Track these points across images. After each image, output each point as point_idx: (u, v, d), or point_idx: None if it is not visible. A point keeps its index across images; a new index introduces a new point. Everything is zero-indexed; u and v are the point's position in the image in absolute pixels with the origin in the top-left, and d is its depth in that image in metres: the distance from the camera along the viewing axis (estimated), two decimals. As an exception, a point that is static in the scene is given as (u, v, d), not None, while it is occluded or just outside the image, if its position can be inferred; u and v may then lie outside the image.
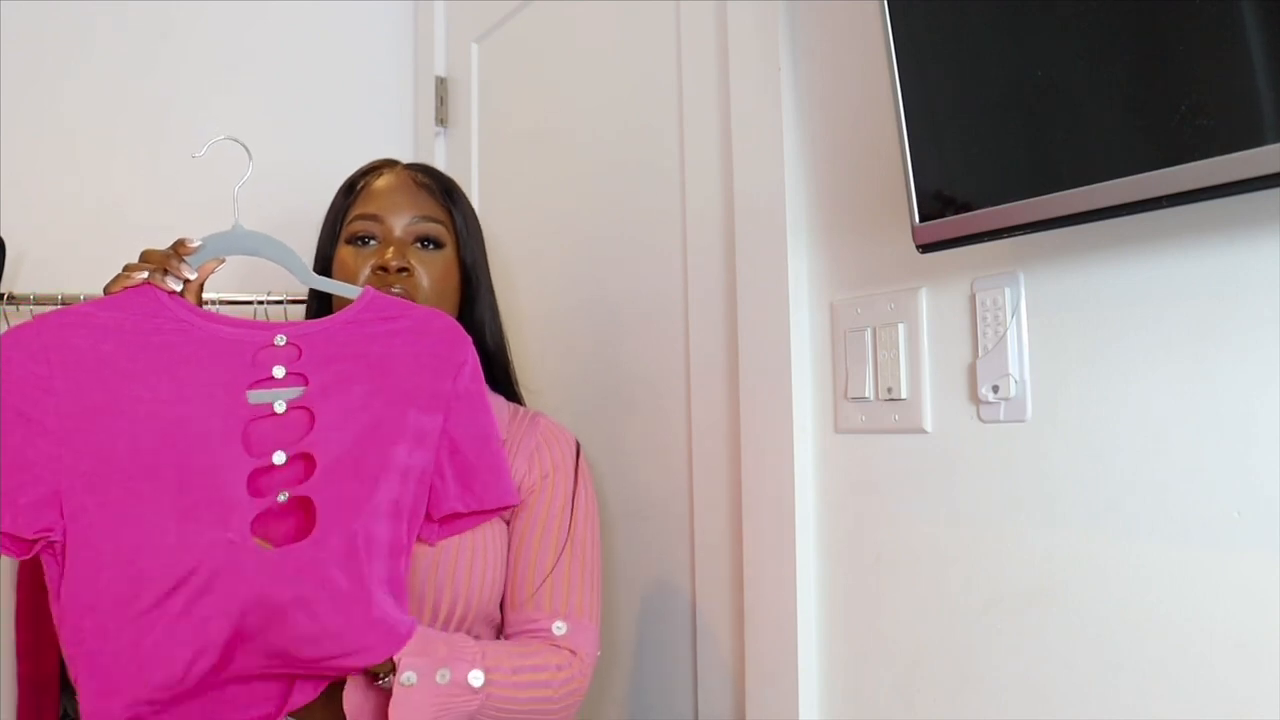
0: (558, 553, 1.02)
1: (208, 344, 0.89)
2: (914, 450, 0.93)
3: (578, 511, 1.06)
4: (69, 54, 1.65)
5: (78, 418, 0.82)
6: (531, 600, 1.00)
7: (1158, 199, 0.63)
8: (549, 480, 1.05)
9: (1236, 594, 0.69)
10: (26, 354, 0.83)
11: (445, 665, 0.88)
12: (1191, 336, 0.72)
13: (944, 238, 0.78)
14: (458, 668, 0.88)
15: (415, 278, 1.05)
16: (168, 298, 0.90)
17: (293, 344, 0.92)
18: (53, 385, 0.83)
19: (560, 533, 1.03)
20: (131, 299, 0.89)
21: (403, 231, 1.07)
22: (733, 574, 1.14)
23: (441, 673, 0.87)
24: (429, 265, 1.07)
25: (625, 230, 1.37)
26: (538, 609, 1.00)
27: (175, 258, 0.91)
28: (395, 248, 1.05)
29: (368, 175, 1.13)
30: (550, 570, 1.01)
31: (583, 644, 1.00)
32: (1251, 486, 0.69)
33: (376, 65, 1.92)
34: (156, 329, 0.87)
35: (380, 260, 1.04)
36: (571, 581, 1.02)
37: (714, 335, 1.18)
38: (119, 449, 0.83)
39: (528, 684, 0.93)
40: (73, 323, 0.85)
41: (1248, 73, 0.59)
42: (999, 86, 0.73)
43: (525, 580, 1.01)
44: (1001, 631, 0.85)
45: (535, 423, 1.10)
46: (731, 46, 1.14)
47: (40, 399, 0.82)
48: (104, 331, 0.86)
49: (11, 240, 1.51)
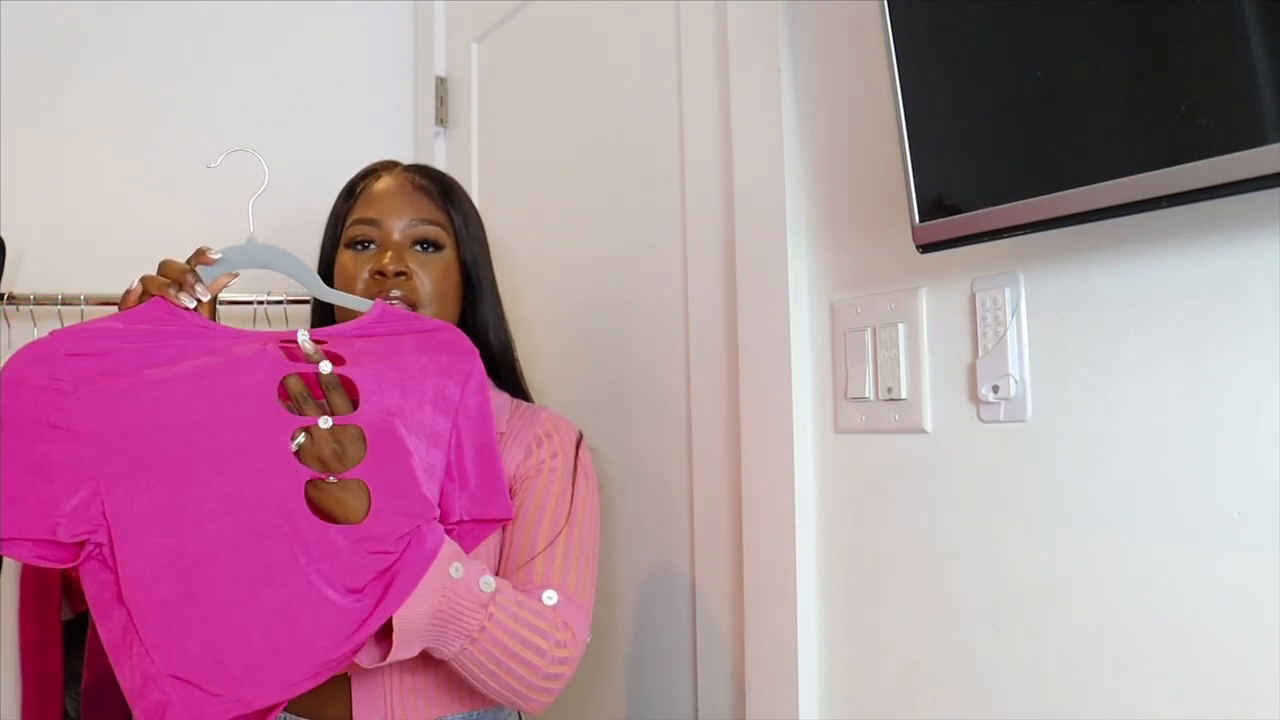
0: (553, 533, 1.00)
1: (230, 342, 0.89)
2: (914, 450, 0.93)
3: (577, 496, 1.04)
4: (69, 55, 1.65)
5: (105, 420, 0.82)
6: (521, 571, 0.98)
7: (1158, 199, 0.63)
8: (548, 465, 1.04)
9: (1236, 594, 0.69)
10: (44, 367, 0.83)
11: (458, 560, 0.87)
12: (1191, 336, 0.72)
13: (944, 238, 0.78)
14: (470, 568, 0.88)
15: (414, 281, 1.05)
16: (183, 310, 0.90)
17: (315, 339, 0.93)
18: (75, 391, 0.82)
19: (558, 515, 1.01)
20: (148, 311, 0.89)
21: (401, 235, 1.07)
22: (733, 574, 1.14)
23: (455, 566, 0.86)
24: (428, 268, 1.07)
25: (625, 230, 1.37)
26: (527, 579, 0.97)
27: (191, 273, 0.91)
28: (393, 251, 1.05)
29: (366, 178, 1.13)
30: (544, 548, 0.99)
31: (574, 620, 0.95)
32: (1252, 486, 0.69)
33: (376, 65, 1.92)
34: (176, 334, 0.88)
35: (378, 264, 1.04)
36: (566, 561, 0.99)
37: (714, 335, 1.18)
38: (151, 449, 0.82)
39: (526, 625, 0.91)
40: (90, 333, 0.85)
41: (1248, 73, 0.59)
42: (999, 86, 0.73)
43: (516, 555, 0.99)
44: (1002, 631, 0.85)
45: (535, 415, 1.10)
46: (731, 46, 1.14)
47: (65, 406, 0.82)
48: (124, 336, 0.86)
49: (11, 240, 1.51)
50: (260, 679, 0.80)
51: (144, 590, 0.80)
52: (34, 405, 0.81)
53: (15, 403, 0.81)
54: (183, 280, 0.90)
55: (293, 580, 0.82)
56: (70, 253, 1.57)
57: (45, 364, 0.82)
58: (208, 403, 0.85)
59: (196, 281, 0.91)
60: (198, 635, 0.80)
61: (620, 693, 1.35)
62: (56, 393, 0.82)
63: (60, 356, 0.83)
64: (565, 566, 0.99)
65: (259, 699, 0.80)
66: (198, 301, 0.90)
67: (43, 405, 0.81)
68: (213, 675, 0.80)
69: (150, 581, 0.80)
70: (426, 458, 0.91)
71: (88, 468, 0.81)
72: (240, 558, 0.81)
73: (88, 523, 0.80)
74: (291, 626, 0.81)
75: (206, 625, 0.80)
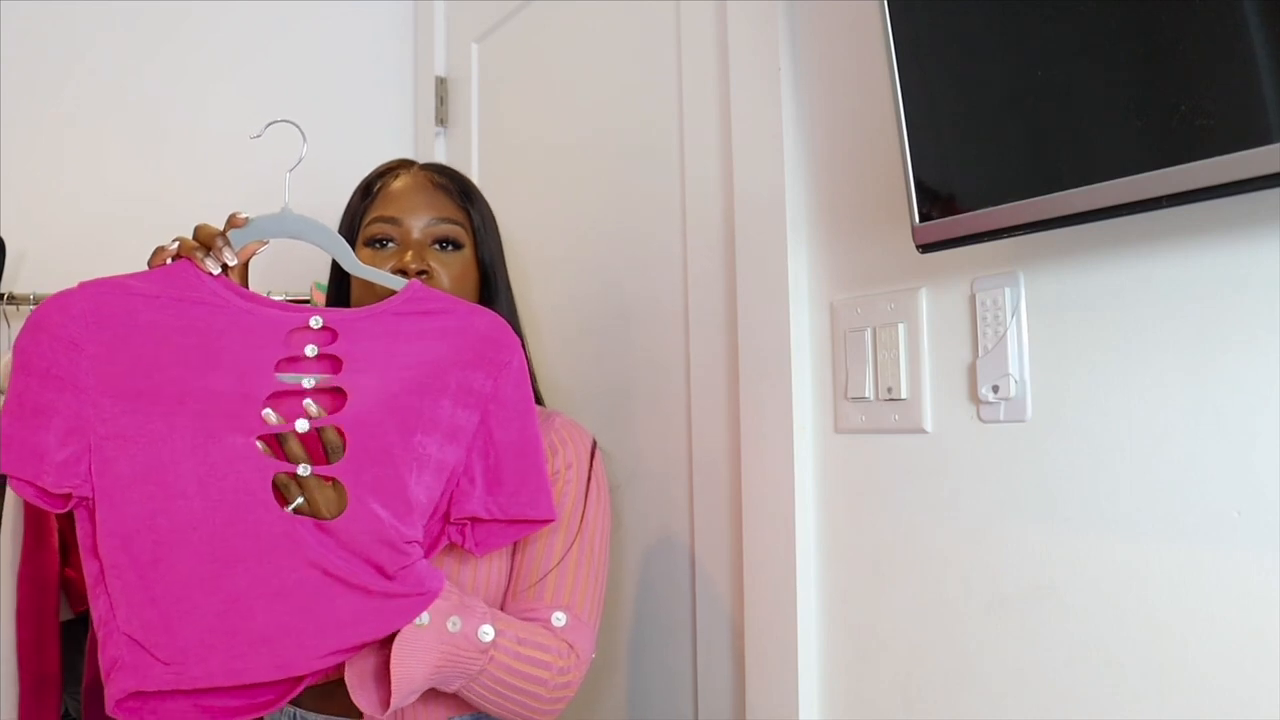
0: (565, 547, 1.01)
1: (241, 319, 0.90)
2: (914, 450, 0.93)
3: (589, 510, 1.05)
4: (69, 54, 1.65)
5: (106, 381, 0.85)
6: (533, 589, 1.00)
7: (1158, 199, 0.63)
8: (561, 476, 1.05)
9: (1236, 594, 0.69)
10: (65, 315, 0.85)
11: (457, 614, 0.88)
12: (1191, 336, 0.72)
13: (944, 238, 0.78)
14: (469, 619, 0.89)
15: (435, 279, 1.05)
16: (208, 276, 0.91)
17: (328, 327, 0.92)
18: (85, 347, 0.85)
19: (570, 528, 1.03)
20: (171, 273, 0.90)
21: (421, 234, 1.07)
22: (733, 574, 1.14)
23: (453, 620, 0.87)
24: (448, 266, 1.07)
25: (625, 231, 1.37)
26: (538, 599, 0.99)
27: (221, 237, 0.92)
28: (414, 250, 1.05)
29: (384, 176, 1.13)
30: (556, 563, 1.01)
31: (580, 641, 0.98)
32: (1251, 486, 0.69)
33: (376, 65, 1.92)
34: (194, 302, 0.89)
35: (400, 263, 1.04)
36: (576, 578, 1.01)
37: (714, 335, 1.18)
38: (143, 416, 0.84)
39: (528, 660, 0.92)
40: (109, 290, 0.87)
41: (1248, 73, 0.59)
42: (999, 86, 0.73)
43: (529, 570, 1.01)
44: (1001, 631, 0.85)
45: (550, 421, 1.10)
46: (731, 46, 1.14)
47: (74, 359, 0.84)
48: (141, 299, 0.87)
49: (11, 240, 1.51)
50: (207, 658, 0.82)
51: (114, 552, 0.83)
52: (50, 353, 0.84)
53: (34, 347, 0.85)
54: (211, 244, 0.91)
55: (253, 570, 0.83)
56: (70, 252, 1.57)
57: (67, 314, 0.85)
58: (201, 383, 0.86)
59: (225, 246, 0.91)
60: (156, 604, 0.82)
61: (621, 693, 1.35)
62: (70, 344, 0.85)
63: (83, 310, 0.86)
64: (575, 584, 1.01)
65: (202, 677, 0.81)
66: (224, 266, 0.92)
67: (56, 355, 0.84)
68: (162, 643, 0.81)
69: (120, 545, 0.82)
70: (439, 454, 0.90)
71: (82, 423, 0.84)
72: (206, 538, 0.83)
73: (75, 477, 0.83)
74: (245, 616, 0.82)
75: (166, 596, 0.82)
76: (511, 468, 0.94)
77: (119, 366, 0.85)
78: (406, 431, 0.89)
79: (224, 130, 1.74)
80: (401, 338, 0.93)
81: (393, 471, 0.87)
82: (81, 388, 0.84)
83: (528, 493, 0.94)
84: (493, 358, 0.95)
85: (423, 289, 0.97)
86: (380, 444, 0.88)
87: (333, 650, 0.83)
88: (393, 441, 0.88)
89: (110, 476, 0.83)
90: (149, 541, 0.82)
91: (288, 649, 0.83)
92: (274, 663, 0.83)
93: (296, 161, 0.97)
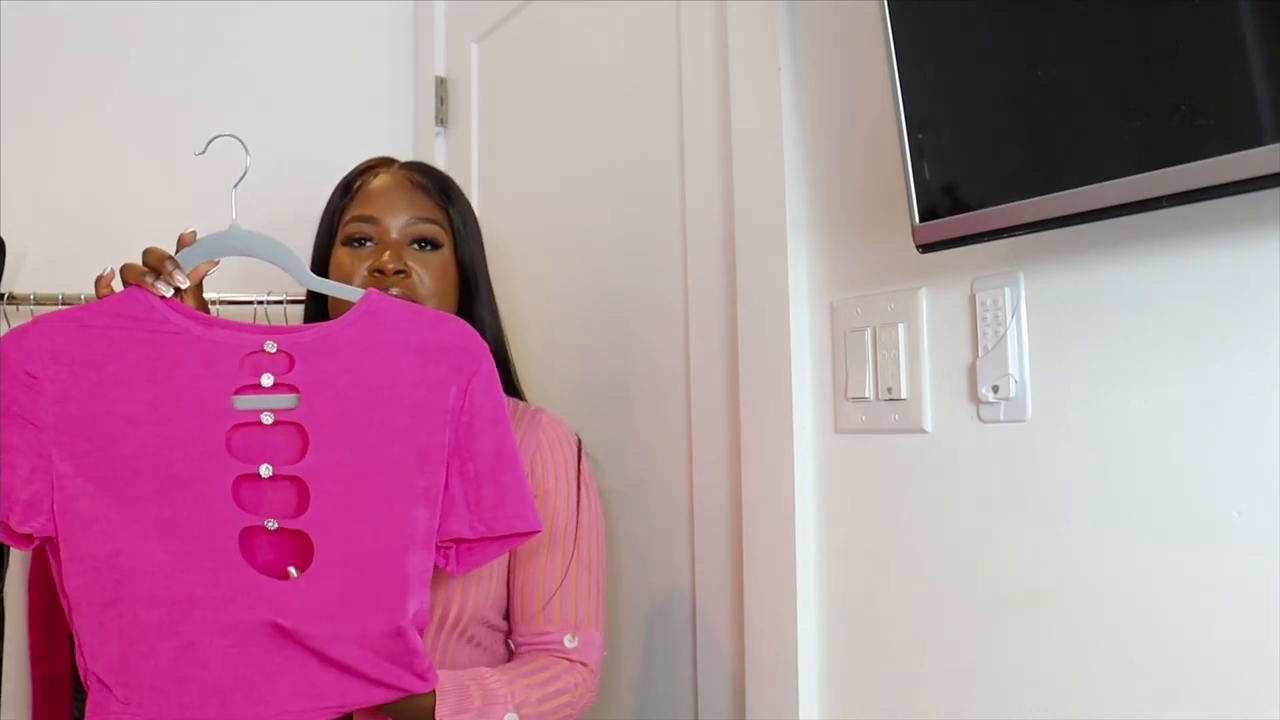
0: (565, 564, 1.03)
1: (198, 346, 0.86)
2: (914, 450, 0.93)
3: (583, 518, 1.06)
4: (69, 55, 1.65)
5: (64, 419, 0.83)
6: (542, 614, 1.02)
7: (1158, 199, 0.63)
8: (552, 494, 1.05)
9: (1237, 594, 0.69)
10: (21, 353, 0.83)
11: (483, 717, 0.89)
12: (1191, 336, 0.72)
13: (944, 238, 0.78)
14: (493, 714, 0.90)
15: (413, 279, 1.05)
16: (159, 301, 0.87)
17: (284, 351, 0.88)
18: (44, 385, 0.83)
19: (567, 543, 1.04)
20: (122, 302, 0.87)
21: (399, 233, 1.06)
22: (733, 574, 1.14)
23: None
24: (426, 266, 1.06)
25: (625, 231, 1.37)
26: (548, 622, 1.02)
27: (170, 260, 0.89)
28: (392, 250, 1.04)
29: (364, 175, 1.12)
30: (560, 583, 1.02)
31: (591, 654, 1.03)
32: (1252, 486, 0.69)
33: (376, 65, 1.92)
34: (149, 330, 0.86)
35: (377, 263, 1.03)
36: (579, 592, 1.03)
37: (714, 335, 1.18)
38: (102, 454, 0.83)
39: (553, 709, 0.97)
40: (63, 327, 0.85)
41: (1247, 73, 0.59)
42: (999, 86, 0.73)
43: (534, 594, 1.03)
44: (1001, 631, 0.85)
45: (536, 420, 1.10)
46: (731, 46, 1.14)
47: (34, 397, 0.83)
48: (95, 331, 0.85)
49: (11, 240, 1.51)
50: (160, 701, 0.81)
51: (77, 591, 0.82)
52: (10, 390, 0.82)
53: None
54: (160, 268, 0.88)
55: (210, 616, 0.82)
56: (70, 252, 1.56)
57: (23, 351, 0.83)
58: (158, 416, 0.84)
59: (175, 269, 0.88)
60: (115, 642, 0.81)
61: (621, 693, 1.35)
62: (30, 381, 0.83)
63: (39, 346, 0.84)
64: (579, 601, 1.03)
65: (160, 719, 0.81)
66: (177, 290, 0.88)
67: (15, 393, 0.82)
68: (121, 682, 0.81)
69: (82, 583, 0.82)
70: (419, 481, 0.88)
71: (44, 461, 0.82)
72: (164, 581, 0.82)
73: (39, 515, 0.82)
74: (199, 663, 0.81)
75: (124, 635, 0.81)
76: (491, 482, 0.91)
77: (75, 405, 0.83)
78: (379, 465, 0.87)
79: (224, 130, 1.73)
80: (362, 356, 0.89)
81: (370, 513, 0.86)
82: (41, 426, 0.82)
83: (511, 506, 0.92)
84: (462, 368, 0.92)
85: (382, 299, 0.93)
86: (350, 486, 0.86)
87: (291, 710, 0.82)
88: (363, 479, 0.86)
89: (72, 514, 0.82)
90: (110, 580, 0.81)
91: (238, 702, 0.82)
92: (224, 714, 0.81)
93: (241, 175, 0.93)
